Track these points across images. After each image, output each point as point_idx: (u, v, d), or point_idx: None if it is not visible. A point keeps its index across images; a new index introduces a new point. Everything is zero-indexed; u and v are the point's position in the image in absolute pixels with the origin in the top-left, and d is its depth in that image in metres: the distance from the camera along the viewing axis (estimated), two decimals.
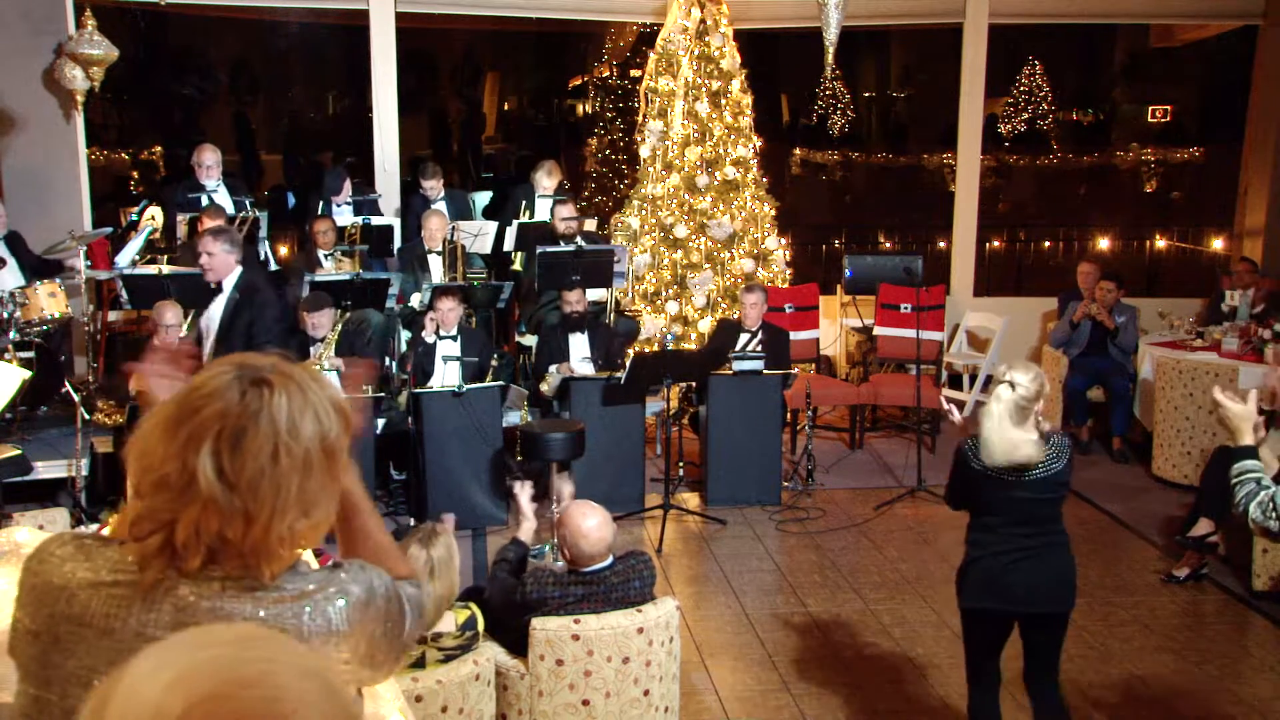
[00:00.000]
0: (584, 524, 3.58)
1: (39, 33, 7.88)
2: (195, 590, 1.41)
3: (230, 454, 1.38)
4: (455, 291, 6.72)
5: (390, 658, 1.59)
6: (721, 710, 4.43)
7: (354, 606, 1.49)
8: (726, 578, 5.75)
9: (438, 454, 6.26)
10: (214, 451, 1.37)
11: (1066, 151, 19.30)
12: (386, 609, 1.55)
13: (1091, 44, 18.76)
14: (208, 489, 1.37)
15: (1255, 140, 9.57)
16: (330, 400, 1.48)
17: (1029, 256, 16.81)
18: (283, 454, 1.40)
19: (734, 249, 8.37)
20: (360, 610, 1.50)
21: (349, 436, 1.52)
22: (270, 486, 1.39)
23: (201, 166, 7.74)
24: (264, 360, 1.46)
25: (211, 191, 7.73)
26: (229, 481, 1.37)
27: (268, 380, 1.42)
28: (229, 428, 1.38)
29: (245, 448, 1.38)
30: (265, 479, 1.39)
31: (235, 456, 1.38)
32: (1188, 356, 7.10)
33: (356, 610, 1.50)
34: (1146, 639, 5.05)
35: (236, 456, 1.38)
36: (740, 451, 6.73)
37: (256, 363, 1.45)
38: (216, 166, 7.81)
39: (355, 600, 1.50)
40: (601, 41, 12.87)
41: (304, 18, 11.64)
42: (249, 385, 1.42)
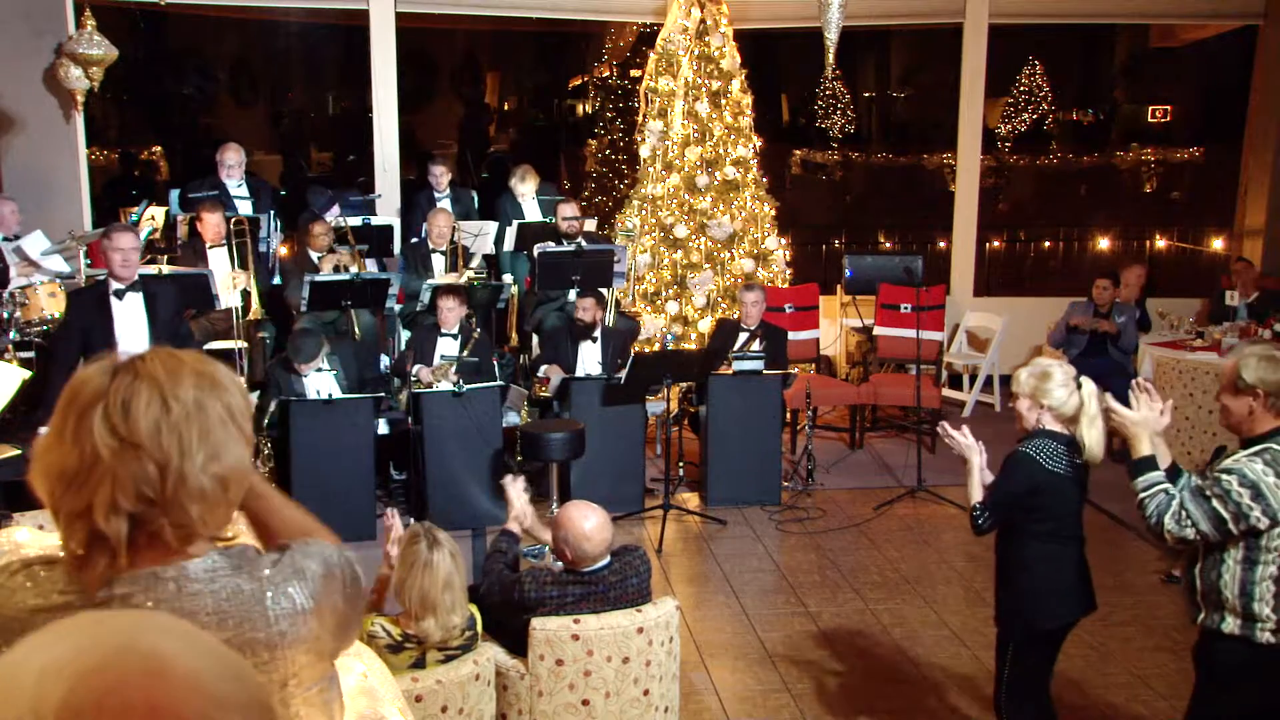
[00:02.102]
0: (585, 526, 3.57)
1: (39, 33, 7.88)
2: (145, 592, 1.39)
3: (122, 418, 1.37)
4: (456, 291, 6.72)
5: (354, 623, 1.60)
6: (721, 710, 4.43)
7: (315, 581, 1.50)
8: (726, 578, 5.75)
9: (438, 454, 6.26)
10: (105, 420, 1.36)
11: (1066, 151, 19.29)
12: (343, 576, 1.56)
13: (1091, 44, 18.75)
14: (110, 456, 1.35)
15: (1255, 140, 9.57)
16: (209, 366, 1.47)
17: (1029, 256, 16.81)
18: (172, 403, 1.39)
19: (734, 249, 8.37)
20: (323, 584, 1.51)
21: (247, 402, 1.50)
22: (170, 432, 1.38)
23: (224, 166, 7.79)
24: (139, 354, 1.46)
25: (235, 193, 7.76)
26: (128, 441, 1.36)
27: (135, 360, 1.43)
28: (112, 401, 1.38)
29: (133, 409, 1.37)
30: (163, 428, 1.38)
31: (127, 419, 1.37)
32: (1188, 356, 7.10)
33: (319, 584, 1.50)
34: (1146, 639, 5.05)
35: (128, 418, 1.37)
36: (740, 451, 6.73)
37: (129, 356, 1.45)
38: (239, 166, 7.86)
39: (314, 575, 1.50)
40: (601, 41, 12.87)
41: (304, 18, 11.63)
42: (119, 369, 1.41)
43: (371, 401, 6.34)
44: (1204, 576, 3.15)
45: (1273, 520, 2.99)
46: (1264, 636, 3.06)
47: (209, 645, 0.83)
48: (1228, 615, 3.11)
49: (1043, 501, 3.45)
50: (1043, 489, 3.44)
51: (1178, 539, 3.10)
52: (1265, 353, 3.13)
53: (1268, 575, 3.04)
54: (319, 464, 6.02)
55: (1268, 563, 3.04)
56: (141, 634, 0.80)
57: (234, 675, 0.82)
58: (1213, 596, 3.13)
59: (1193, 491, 3.10)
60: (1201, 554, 3.15)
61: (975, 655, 4.86)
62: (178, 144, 13.65)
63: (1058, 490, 3.45)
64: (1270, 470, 3.00)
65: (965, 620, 5.23)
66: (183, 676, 0.77)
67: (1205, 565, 3.14)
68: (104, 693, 0.73)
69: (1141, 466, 3.23)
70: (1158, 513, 3.12)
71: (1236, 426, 3.18)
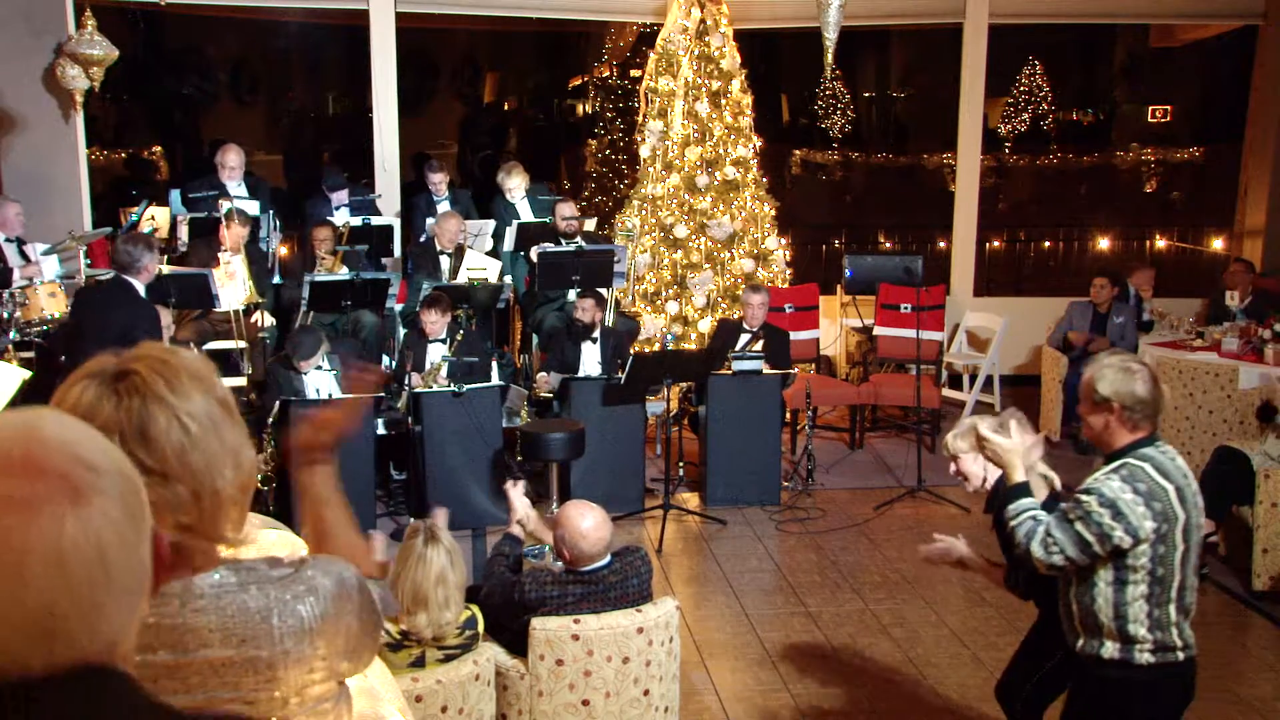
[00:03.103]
0: (582, 524, 3.57)
1: (39, 33, 7.88)
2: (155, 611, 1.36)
3: (145, 450, 1.33)
4: (439, 303, 6.64)
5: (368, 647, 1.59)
6: (721, 710, 4.43)
7: (327, 600, 1.47)
8: (726, 578, 5.75)
9: (438, 454, 6.26)
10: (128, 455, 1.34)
11: (1066, 151, 19.29)
12: (360, 600, 1.54)
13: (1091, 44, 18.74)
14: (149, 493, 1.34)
15: (1255, 140, 9.57)
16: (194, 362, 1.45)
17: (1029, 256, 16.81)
18: (189, 422, 1.36)
19: (734, 249, 8.37)
20: (334, 603, 1.48)
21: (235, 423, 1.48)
22: (196, 452, 1.36)
23: (225, 167, 7.78)
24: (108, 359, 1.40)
25: (235, 194, 7.75)
26: (158, 473, 1.33)
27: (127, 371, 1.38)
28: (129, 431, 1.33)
29: (153, 436, 1.34)
30: (188, 450, 1.35)
31: (149, 448, 1.33)
32: (1188, 356, 7.10)
33: (330, 603, 1.48)
34: None
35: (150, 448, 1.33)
36: (740, 451, 6.73)
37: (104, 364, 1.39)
38: (239, 168, 7.85)
39: (327, 593, 1.48)
40: (601, 41, 12.86)
41: (304, 18, 11.63)
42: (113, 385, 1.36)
43: (371, 401, 6.33)
44: (1079, 601, 3.04)
45: (1135, 538, 2.87)
46: (1143, 657, 2.96)
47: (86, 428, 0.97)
48: (1105, 640, 2.99)
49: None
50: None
51: (1048, 566, 2.98)
52: (1121, 364, 3.00)
53: (1139, 595, 2.93)
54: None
55: (1137, 582, 2.92)
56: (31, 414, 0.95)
57: (103, 449, 0.95)
58: (1089, 621, 3.01)
59: (1058, 516, 2.97)
60: (1075, 578, 3.03)
61: (975, 655, 4.86)
62: (178, 144, 13.64)
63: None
64: (1127, 486, 2.87)
65: (965, 620, 5.23)
66: (55, 437, 0.92)
67: (1079, 590, 3.03)
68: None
69: (1013, 494, 3.09)
70: (1026, 539, 2.99)
71: (1096, 441, 3.07)
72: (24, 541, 0.87)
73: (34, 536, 0.88)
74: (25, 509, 0.88)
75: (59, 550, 0.88)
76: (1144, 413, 2.96)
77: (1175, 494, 2.91)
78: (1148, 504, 2.86)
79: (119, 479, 0.94)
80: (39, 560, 0.88)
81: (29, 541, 0.88)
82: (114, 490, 0.93)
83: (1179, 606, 2.97)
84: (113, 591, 0.92)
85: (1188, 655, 3.01)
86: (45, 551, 0.88)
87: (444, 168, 8.44)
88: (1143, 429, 2.98)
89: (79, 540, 0.89)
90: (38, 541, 0.88)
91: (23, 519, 0.87)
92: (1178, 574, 2.94)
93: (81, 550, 0.89)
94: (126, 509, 0.94)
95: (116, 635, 0.93)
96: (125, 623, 0.94)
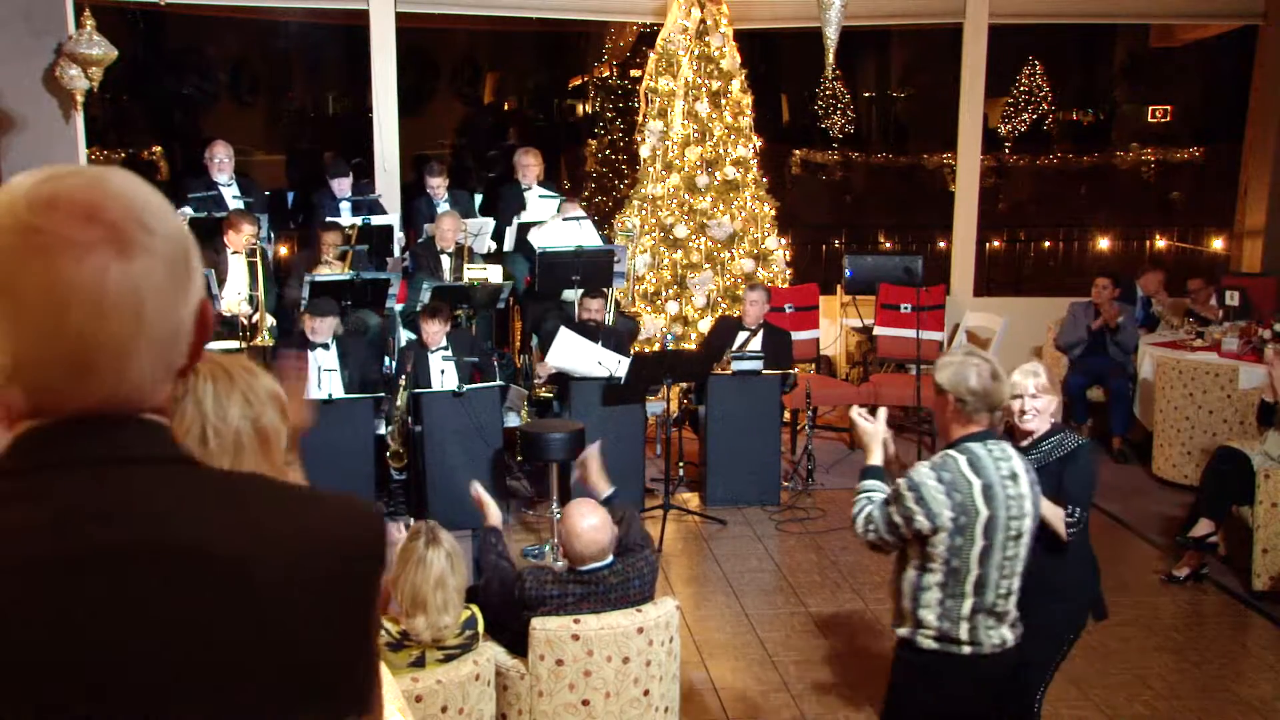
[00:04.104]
0: (581, 524, 3.58)
1: (39, 33, 7.88)
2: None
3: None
4: (439, 313, 6.63)
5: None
6: (721, 710, 4.43)
7: None
8: (726, 578, 5.75)
9: (438, 454, 6.26)
10: None
11: (1066, 151, 19.30)
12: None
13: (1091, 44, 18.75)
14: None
15: (1255, 140, 9.57)
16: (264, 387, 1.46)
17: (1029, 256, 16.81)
18: (211, 436, 1.38)
19: (734, 249, 8.37)
20: None
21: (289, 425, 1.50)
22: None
23: (214, 160, 7.76)
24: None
25: (224, 188, 7.73)
26: None
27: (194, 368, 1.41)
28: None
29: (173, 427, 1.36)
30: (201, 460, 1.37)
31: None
32: (1188, 356, 7.10)
33: None
34: (1146, 639, 5.05)
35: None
36: (740, 451, 6.73)
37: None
38: (229, 160, 7.82)
39: None
40: (601, 41, 12.86)
41: (304, 18, 11.63)
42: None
43: (371, 401, 6.34)
44: (894, 582, 3.16)
45: (933, 524, 2.95)
46: (926, 643, 3.05)
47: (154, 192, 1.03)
48: (904, 620, 3.10)
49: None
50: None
51: (868, 545, 3.13)
52: (959, 357, 3.10)
53: (933, 582, 3.01)
54: (319, 463, 6.01)
55: (934, 570, 3.01)
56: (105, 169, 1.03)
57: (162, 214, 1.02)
58: (897, 601, 3.14)
59: (883, 499, 3.10)
60: (897, 562, 3.15)
61: None
62: (177, 144, 13.64)
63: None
64: (934, 473, 2.97)
65: None
66: (119, 192, 0.99)
67: (895, 571, 3.15)
68: (58, 191, 0.97)
69: (866, 473, 3.24)
70: (854, 518, 3.15)
71: (940, 431, 3.17)
72: (71, 280, 0.95)
73: (79, 276, 0.95)
74: (76, 250, 0.95)
75: (99, 293, 0.96)
76: (976, 405, 3.03)
77: (981, 489, 2.97)
78: (948, 493, 2.95)
79: (169, 244, 1.00)
80: (80, 299, 0.95)
81: (75, 280, 0.95)
82: (162, 251, 0.99)
83: (977, 603, 3.01)
84: (143, 339, 0.99)
85: (975, 652, 3.03)
86: (87, 292, 0.95)
87: (444, 170, 8.42)
88: (977, 422, 3.05)
89: (119, 288, 0.96)
90: (81, 282, 0.95)
91: (72, 259, 0.95)
92: (974, 569, 2.99)
93: (119, 297, 0.96)
94: (171, 272, 1.00)
95: (144, 382, 1.00)
96: (154, 372, 1.01)
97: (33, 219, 0.96)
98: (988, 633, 3.04)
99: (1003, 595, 3.04)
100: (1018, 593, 3.10)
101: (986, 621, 3.03)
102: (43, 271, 0.95)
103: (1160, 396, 7.12)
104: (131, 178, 1.03)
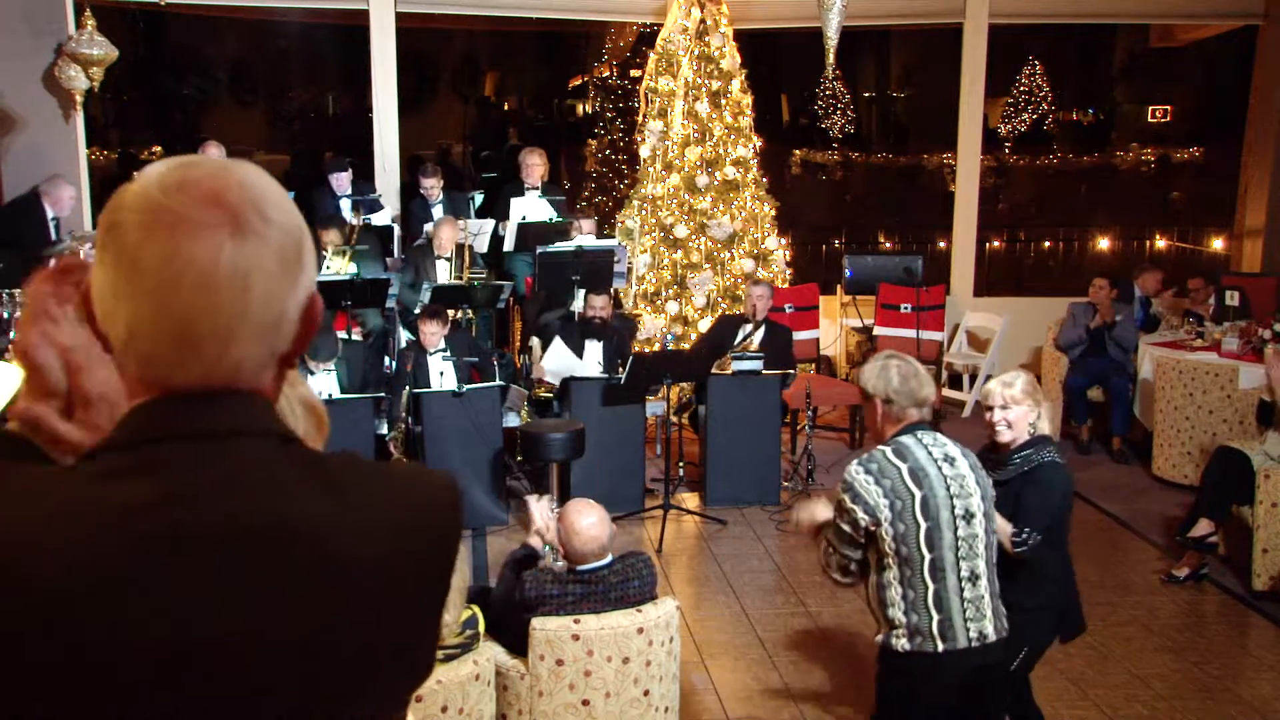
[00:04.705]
0: (579, 522, 3.59)
1: (39, 33, 7.88)
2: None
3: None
4: (438, 315, 6.63)
5: None
6: (721, 710, 4.43)
7: None
8: (726, 578, 5.75)
9: (438, 454, 6.26)
10: None
11: (1066, 151, 19.30)
12: None
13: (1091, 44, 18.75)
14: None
15: (1255, 140, 9.57)
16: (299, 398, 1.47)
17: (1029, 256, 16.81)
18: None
19: (734, 249, 8.37)
20: None
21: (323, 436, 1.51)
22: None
23: None
24: None
25: None
26: None
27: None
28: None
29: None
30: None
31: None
32: (1188, 356, 7.10)
33: None
34: (1146, 639, 5.05)
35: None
36: (740, 451, 6.73)
37: None
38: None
39: None
40: (601, 41, 12.86)
41: (304, 18, 11.63)
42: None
43: (371, 401, 6.34)
44: (867, 593, 3.19)
45: (874, 516, 3.01)
46: (899, 644, 3.06)
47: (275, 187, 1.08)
48: (880, 626, 3.13)
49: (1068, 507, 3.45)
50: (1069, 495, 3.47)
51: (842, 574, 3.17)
52: (882, 360, 3.18)
53: (892, 578, 3.04)
54: None
55: (889, 566, 3.05)
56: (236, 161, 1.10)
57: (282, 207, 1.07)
58: (873, 611, 3.17)
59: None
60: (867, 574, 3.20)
61: None
62: (177, 144, 13.64)
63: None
64: (862, 469, 3.05)
65: None
66: (242, 182, 1.05)
67: (867, 583, 3.19)
68: (188, 176, 1.04)
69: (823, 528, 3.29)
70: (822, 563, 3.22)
71: (873, 436, 3.22)
72: (186, 258, 1.00)
73: (196, 252, 1.00)
74: (194, 230, 1.01)
75: (211, 273, 1.01)
76: (902, 403, 3.10)
77: (908, 472, 3.02)
78: (878, 481, 3.02)
79: (283, 234, 1.05)
80: (194, 274, 1.00)
81: (191, 255, 1.00)
82: (274, 241, 1.04)
83: (938, 590, 3.01)
84: (248, 319, 1.03)
85: (949, 649, 3.02)
86: (199, 271, 1.00)
87: (438, 171, 8.41)
88: (907, 418, 3.11)
89: (229, 270, 1.01)
90: (197, 257, 1.00)
91: (189, 238, 1.00)
92: (925, 553, 3.00)
93: (228, 279, 1.01)
94: (282, 261, 1.04)
95: (246, 361, 1.05)
96: (257, 353, 1.05)
97: (163, 199, 1.02)
98: (965, 625, 3.02)
99: (968, 579, 3.02)
100: (993, 580, 3.10)
101: (963, 612, 3.02)
102: (164, 245, 1.00)
103: (1160, 396, 7.12)
104: (257, 171, 1.09)
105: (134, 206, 1.02)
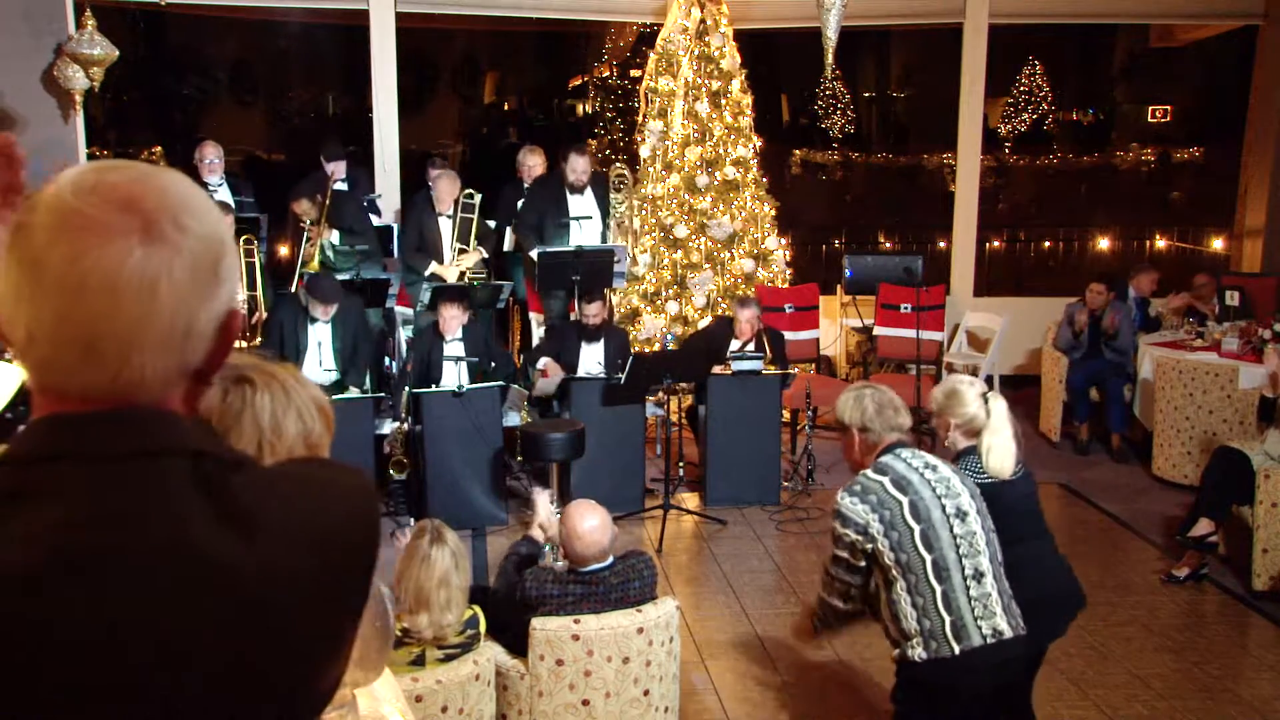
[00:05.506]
0: (581, 525, 3.58)
1: (39, 33, 7.88)
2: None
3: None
4: (460, 297, 6.64)
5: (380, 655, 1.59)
6: (721, 710, 4.43)
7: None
8: (726, 578, 5.75)
9: (438, 454, 6.26)
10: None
11: (1066, 151, 19.31)
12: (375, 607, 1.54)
13: (1091, 44, 18.76)
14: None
15: (1255, 140, 9.57)
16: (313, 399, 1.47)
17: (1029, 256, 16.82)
18: (266, 453, 1.39)
19: (734, 249, 8.37)
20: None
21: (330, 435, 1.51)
22: None
23: (203, 163, 7.73)
24: (245, 359, 1.44)
25: (215, 189, 7.70)
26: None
27: (249, 379, 1.41)
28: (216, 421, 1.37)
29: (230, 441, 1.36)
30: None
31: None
32: (1188, 356, 7.10)
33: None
34: (1146, 639, 5.05)
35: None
36: (740, 451, 6.73)
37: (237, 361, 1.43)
38: (219, 163, 7.80)
39: None
40: (601, 41, 12.88)
41: (304, 18, 11.64)
42: (231, 384, 1.40)
43: (371, 401, 6.33)
44: (880, 618, 3.21)
45: (866, 534, 3.05)
46: (916, 653, 3.06)
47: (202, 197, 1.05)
48: (897, 641, 3.14)
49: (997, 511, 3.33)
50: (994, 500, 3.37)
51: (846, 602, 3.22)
52: (855, 392, 3.26)
53: (900, 591, 3.06)
54: None
55: (894, 580, 3.06)
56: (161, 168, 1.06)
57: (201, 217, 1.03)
58: (888, 631, 3.19)
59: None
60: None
61: None
62: (177, 144, 13.65)
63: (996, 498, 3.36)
64: (846, 494, 3.10)
65: None
66: (161, 188, 1.02)
67: (877, 608, 3.21)
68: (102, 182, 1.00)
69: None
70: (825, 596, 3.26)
71: (853, 467, 3.26)
72: (91, 261, 0.97)
73: (102, 257, 0.97)
74: (102, 234, 0.98)
75: (115, 278, 0.97)
76: (879, 429, 3.20)
77: (891, 483, 3.09)
78: (864, 499, 3.08)
79: (200, 245, 1.01)
80: (98, 278, 0.97)
81: (97, 260, 0.97)
82: (189, 251, 1.00)
83: (946, 591, 3.02)
84: (152, 331, 1.00)
85: (965, 648, 3.01)
86: (103, 275, 0.97)
87: (447, 165, 8.42)
88: (886, 440, 3.19)
89: (135, 276, 0.98)
90: (100, 264, 0.97)
91: (98, 242, 0.97)
92: (925, 555, 3.02)
93: (134, 285, 0.98)
94: (194, 273, 1.01)
95: (149, 374, 1.01)
96: (161, 367, 1.01)
97: (75, 202, 0.99)
98: (977, 624, 3.02)
99: (972, 577, 3.03)
100: (1000, 578, 3.10)
101: (974, 611, 3.02)
102: (70, 248, 0.97)
103: (1160, 396, 7.12)
104: (179, 178, 1.06)
105: (45, 208, 1.00)
